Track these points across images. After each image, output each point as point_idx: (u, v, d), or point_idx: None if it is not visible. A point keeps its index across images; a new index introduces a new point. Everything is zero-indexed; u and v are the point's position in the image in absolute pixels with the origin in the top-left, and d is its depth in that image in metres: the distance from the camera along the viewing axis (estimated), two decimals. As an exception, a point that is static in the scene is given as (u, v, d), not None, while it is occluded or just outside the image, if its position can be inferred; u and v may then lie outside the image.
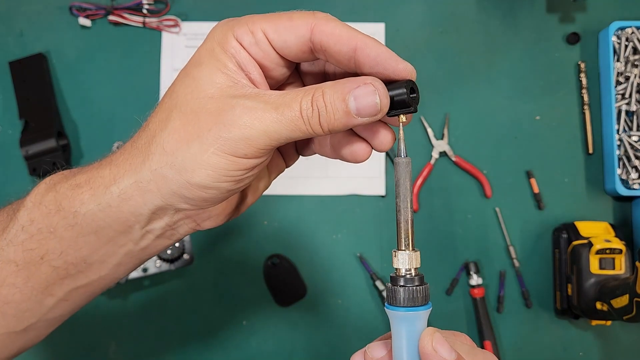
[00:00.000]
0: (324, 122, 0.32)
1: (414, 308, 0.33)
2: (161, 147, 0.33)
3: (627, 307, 0.64)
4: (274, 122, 0.31)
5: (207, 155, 0.32)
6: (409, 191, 0.35)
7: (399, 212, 0.34)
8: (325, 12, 0.34)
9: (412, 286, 0.33)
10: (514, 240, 0.78)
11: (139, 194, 0.34)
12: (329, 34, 0.33)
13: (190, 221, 0.38)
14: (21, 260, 0.37)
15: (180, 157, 0.32)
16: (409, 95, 0.33)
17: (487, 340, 0.75)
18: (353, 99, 0.32)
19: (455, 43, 0.82)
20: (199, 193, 0.33)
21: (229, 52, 0.33)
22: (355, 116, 0.32)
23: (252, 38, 0.33)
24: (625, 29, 0.78)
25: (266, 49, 0.33)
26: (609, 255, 0.71)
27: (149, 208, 0.35)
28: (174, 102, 0.33)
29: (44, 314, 0.40)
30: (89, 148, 0.80)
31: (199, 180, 0.33)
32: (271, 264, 0.77)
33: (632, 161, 0.77)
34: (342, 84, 0.32)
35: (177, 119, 0.33)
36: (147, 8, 0.80)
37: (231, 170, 0.32)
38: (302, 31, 0.33)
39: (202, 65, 0.33)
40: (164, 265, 0.73)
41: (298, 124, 0.32)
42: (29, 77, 0.79)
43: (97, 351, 0.76)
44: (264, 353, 0.76)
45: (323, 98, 0.32)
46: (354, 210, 0.79)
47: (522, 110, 0.81)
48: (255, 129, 0.31)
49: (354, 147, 0.37)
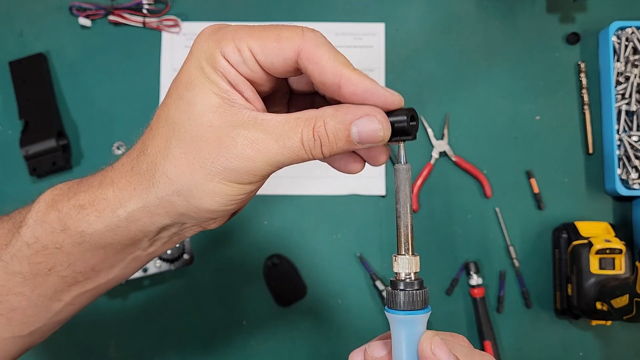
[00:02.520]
0: (326, 150, 0.32)
1: (414, 312, 0.33)
2: (165, 176, 0.33)
3: (627, 307, 0.64)
4: (275, 153, 0.32)
5: (212, 185, 0.32)
6: (409, 197, 0.35)
7: (399, 218, 0.35)
8: (315, 31, 0.33)
9: (412, 290, 0.33)
10: (514, 240, 0.78)
11: (147, 217, 0.35)
12: (315, 64, 0.32)
13: (197, 227, 0.39)
14: (28, 272, 0.37)
15: (186, 186, 0.33)
16: (409, 123, 0.34)
17: (487, 340, 0.75)
18: (356, 129, 0.32)
19: (455, 43, 0.82)
20: (205, 215, 0.34)
21: (218, 71, 0.32)
22: (357, 143, 0.33)
23: (240, 57, 0.32)
24: (625, 29, 0.78)
25: (254, 68, 0.33)
26: (609, 255, 0.71)
27: (157, 226, 0.36)
28: (171, 129, 0.33)
29: (49, 318, 0.40)
30: (89, 148, 0.80)
31: (207, 206, 0.33)
32: (271, 264, 0.77)
33: (632, 161, 0.77)
34: (344, 114, 0.32)
35: (177, 148, 0.33)
36: (147, 8, 0.80)
37: (237, 195, 0.33)
38: (289, 54, 0.32)
39: (195, 87, 0.32)
40: (164, 265, 0.73)
41: (299, 154, 0.32)
42: (29, 77, 0.79)
43: (97, 351, 0.76)
44: (264, 353, 0.76)
45: (325, 128, 0.32)
46: (354, 210, 0.79)
47: (522, 110, 0.81)
48: (257, 161, 0.32)
49: (348, 163, 0.38)
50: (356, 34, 0.82)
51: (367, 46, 0.82)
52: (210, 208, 0.34)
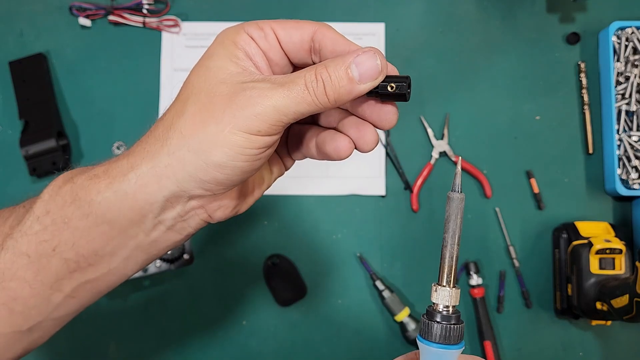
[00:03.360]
0: (330, 91, 0.34)
1: (448, 346, 0.33)
2: (179, 132, 0.35)
3: (627, 307, 0.64)
4: (282, 97, 0.34)
5: (223, 135, 0.34)
6: (459, 227, 0.35)
7: (445, 247, 0.35)
8: (326, 17, 0.37)
9: (448, 324, 0.33)
10: (514, 240, 0.78)
11: (155, 180, 0.35)
12: (330, 37, 0.37)
13: (202, 211, 0.39)
14: (33, 252, 0.37)
15: (197, 139, 0.34)
16: (407, 89, 0.37)
17: (487, 340, 0.75)
18: (355, 66, 0.35)
19: (455, 43, 0.82)
20: (214, 174, 0.35)
21: (239, 44, 0.36)
22: (358, 82, 0.35)
23: (262, 32, 0.37)
24: (625, 29, 0.78)
25: (272, 42, 0.37)
26: (609, 255, 0.71)
27: (163, 195, 0.36)
28: (189, 91, 0.36)
29: (50, 312, 0.40)
30: (89, 148, 0.80)
31: (217, 159, 0.34)
32: (271, 264, 0.77)
33: (632, 161, 0.77)
34: (342, 56, 0.35)
35: (193, 105, 0.35)
36: (147, 8, 0.80)
37: (247, 148, 0.34)
38: (307, 31, 0.37)
39: (214, 55, 0.36)
40: (164, 265, 0.73)
41: (304, 96, 0.34)
42: (29, 77, 0.79)
43: (97, 351, 0.76)
44: (264, 353, 0.76)
45: (327, 70, 0.34)
46: (354, 210, 0.79)
47: (522, 110, 0.81)
48: (265, 105, 0.34)
49: (337, 144, 0.39)
50: (356, 34, 0.82)
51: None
52: (219, 161, 0.34)
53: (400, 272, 0.78)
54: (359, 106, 0.39)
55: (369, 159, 0.80)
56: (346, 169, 0.79)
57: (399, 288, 0.77)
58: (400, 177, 0.79)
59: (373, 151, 0.79)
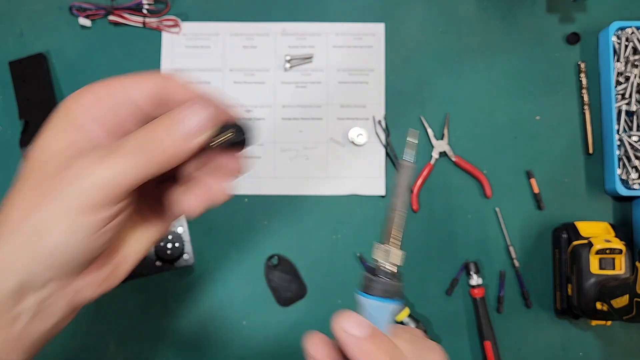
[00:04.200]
0: (158, 153, 0.32)
1: (386, 300, 0.36)
2: (16, 213, 0.32)
3: (627, 307, 0.64)
4: (110, 166, 0.31)
5: (55, 215, 0.31)
6: (407, 195, 0.38)
7: (394, 211, 0.38)
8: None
9: (391, 280, 0.36)
10: (514, 240, 0.78)
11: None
12: (172, 90, 0.34)
13: (64, 295, 0.35)
14: None
15: (32, 222, 0.32)
16: (241, 136, 0.34)
17: (487, 340, 0.75)
18: (181, 123, 0.33)
19: (455, 43, 0.82)
20: (57, 256, 0.32)
21: (71, 114, 0.34)
22: (185, 140, 0.33)
23: (95, 97, 0.35)
24: (625, 29, 0.78)
25: (111, 105, 0.35)
26: (609, 255, 0.71)
27: (11, 284, 0.32)
28: (29, 166, 0.34)
29: None
30: (89, 148, 0.80)
31: (54, 241, 0.32)
32: (271, 264, 0.77)
33: (632, 161, 0.77)
34: (169, 114, 0.33)
35: (28, 182, 0.33)
36: (147, 8, 0.80)
37: (83, 226, 0.32)
38: (147, 85, 0.34)
39: (49, 128, 0.35)
40: (164, 266, 0.73)
41: (135, 162, 0.32)
42: (29, 77, 0.79)
43: (97, 351, 0.76)
44: (264, 353, 0.76)
45: (153, 130, 0.32)
46: (354, 210, 0.79)
47: (522, 110, 0.81)
48: (92, 179, 0.31)
49: (181, 205, 0.36)
50: (356, 34, 0.82)
51: (367, 46, 0.82)
52: (56, 243, 0.32)
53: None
54: (204, 159, 0.36)
55: (369, 159, 0.80)
56: (346, 169, 0.79)
57: (399, 288, 0.77)
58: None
59: (373, 151, 0.79)
